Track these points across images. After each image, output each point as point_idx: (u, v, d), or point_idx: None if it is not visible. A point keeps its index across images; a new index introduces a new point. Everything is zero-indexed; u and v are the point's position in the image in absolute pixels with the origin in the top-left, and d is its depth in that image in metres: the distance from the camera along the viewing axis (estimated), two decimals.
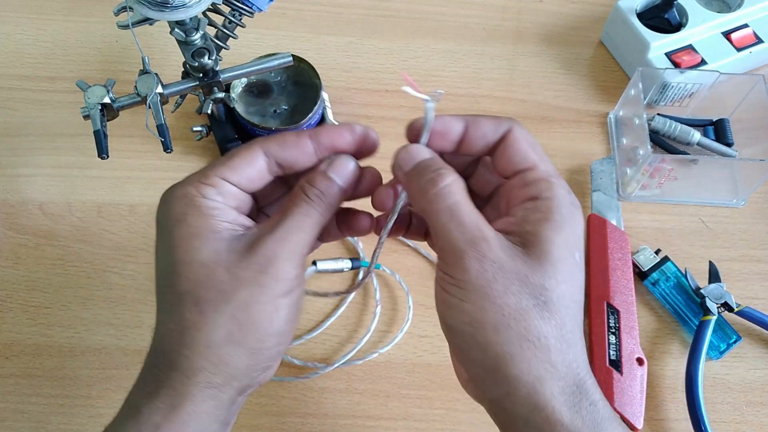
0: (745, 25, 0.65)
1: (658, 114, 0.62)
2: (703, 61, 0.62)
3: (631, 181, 0.59)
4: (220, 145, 0.58)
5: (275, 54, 0.53)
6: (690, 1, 0.65)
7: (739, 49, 0.63)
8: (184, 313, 0.29)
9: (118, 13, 0.46)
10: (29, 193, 0.57)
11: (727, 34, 0.64)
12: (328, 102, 0.47)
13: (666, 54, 0.63)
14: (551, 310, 0.28)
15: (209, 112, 0.54)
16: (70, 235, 0.56)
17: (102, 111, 0.48)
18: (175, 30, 0.48)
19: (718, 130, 0.62)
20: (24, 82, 0.63)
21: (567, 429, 0.28)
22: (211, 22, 0.51)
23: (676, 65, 0.62)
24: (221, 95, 0.53)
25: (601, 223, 0.57)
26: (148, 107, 0.48)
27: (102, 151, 0.47)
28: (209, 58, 0.49)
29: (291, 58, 0.53)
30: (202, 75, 0.51)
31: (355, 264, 0.54)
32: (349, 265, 0.54)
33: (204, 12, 0.48)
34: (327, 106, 0.47)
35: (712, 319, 0.52)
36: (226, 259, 0.29)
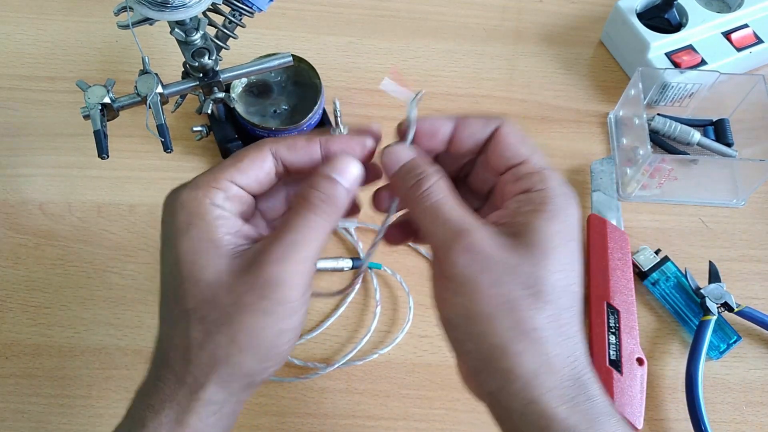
0: (745, 25, 0.65)
1: (658, 114, 0.62)
2: (703, 61, 0.62)
3: (631, 181, 0.59)
4: (220, 145, 0.58)
5: (275, 54, 0.53)
6: (690, 1, 0.65)
7: (739, 49, 0.64)
8: (190, 331, 0.30)
9: (118, 13, 0.46)
10: (29, 193, 0.57)
11: (727, 34, 0.64)
12: (339, 108, 0.46)
13: (666, 54, 0.63)
14: (544, 300, 0.28)
15: (209, 112, 0.54)
16: (70, 235, 0.56)
17: (102, 111, 0.48)
18: (175, 30, 0.48)
19: (718, 130, 0.62)
20: (24, 82, 0.63)
21: (562, 424, 0.28)
22: (211, 22, 0.51)
23: (676, 65, 0.62)
24: (221, 95, 0.53)
25: (601, 223, 0.57)
26: (148, 107, 0.48)
27: (102, 151, 0.47)
28: (209, 58, 0.49)
29: (291, 58, 0.53)
30: (202, 75, 0.51)
31: (355, 263, 0.54)
32: (349, 264, 0.54)
33: (204, 12, 0.48)
34: (338, 114, 0.46)
35: (712, 319, 0.52)
36: (227, 281, 0.29)
